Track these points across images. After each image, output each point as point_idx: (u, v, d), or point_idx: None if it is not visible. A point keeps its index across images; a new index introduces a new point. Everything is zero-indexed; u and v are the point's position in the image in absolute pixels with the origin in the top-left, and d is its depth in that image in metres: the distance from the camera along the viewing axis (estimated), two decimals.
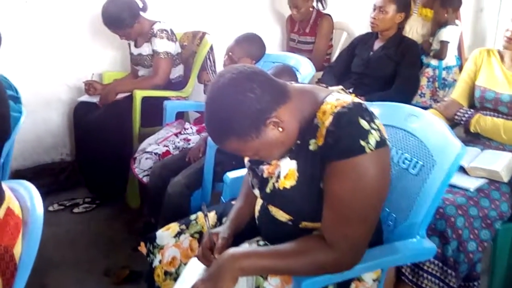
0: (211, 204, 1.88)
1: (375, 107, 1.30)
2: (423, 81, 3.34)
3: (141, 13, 2.49)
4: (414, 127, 1.29)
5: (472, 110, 1.86)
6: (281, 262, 0.99)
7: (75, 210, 2.52)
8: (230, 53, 1.98)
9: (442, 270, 1.47)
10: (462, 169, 1.66)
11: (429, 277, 1.48)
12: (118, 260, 2.05)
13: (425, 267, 1.48)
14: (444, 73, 3.40)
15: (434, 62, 3.37)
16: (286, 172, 1.02)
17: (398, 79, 2.31)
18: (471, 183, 1.60)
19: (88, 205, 2.56)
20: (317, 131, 0.97)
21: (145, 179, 1.99)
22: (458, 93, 1.97)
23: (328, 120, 0.94)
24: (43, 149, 2.91)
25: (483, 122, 1.78)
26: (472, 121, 1.81)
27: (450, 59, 3.42)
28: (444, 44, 3.33)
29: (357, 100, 0.98)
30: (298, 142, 1.01)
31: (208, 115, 0.97)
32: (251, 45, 1.99)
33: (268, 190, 1.08)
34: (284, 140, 0.99)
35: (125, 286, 1.91)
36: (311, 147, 0.98)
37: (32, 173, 2.75)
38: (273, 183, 1.06)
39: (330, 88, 1.07)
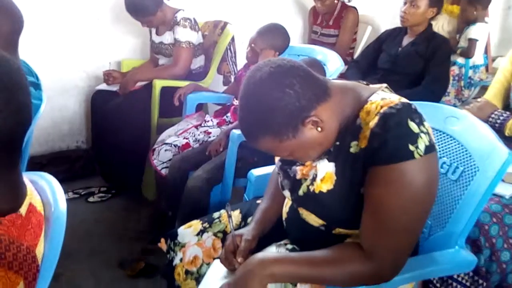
0: (231, 200, 1.84)
1: None
2: None
3: (164, 0, 2.43)
4: (455, 129, 1.21)
5: (507, 112, 1.77)
6: (315, 270, 0.93)
7: (90, 199, 2.49)
8: (253, 45, 1.91)
9: (473, 280, 1.40)
10: None
11: (459, 286, 1.42)
12: (133, 253, 2.01)
13: (455, 276, 1.41)
14: (470, 72, 3.30)
15: (460, 60, 3.27)
16: (323, 175, 0.95)
17: (427, 77, 2.22)
18: (507, 190, 1.51)
19: (104, 195, 2.53)
20: (360, 132, 0.90)
21: (163, 171, 1.94)
22: (492, 94, 1.88)
23: (373, 121, 0.87)
24: (59, 136, 2.89)
25: None
26: (507, 124, 1.72)
27: (478, 58, 3.32)
28: (472, 42, 3.23)
29: (405, 100, 0.90)
30: (337, 143, 0.94)
31: (242, 111, 0.91)
32: (275, 36, 1.91)
33: (301, 192, 1.02)
34: (322, 141, 0.92)
35: (140, 279, 1.87)
36: (352, 150, 0.91)
37: (47, 160, 2.73)
38: (307, 186, 1.00)
39: (372, 86, 1.00)
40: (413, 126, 0.86)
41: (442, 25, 3.32)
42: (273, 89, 0.86)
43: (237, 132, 1.72)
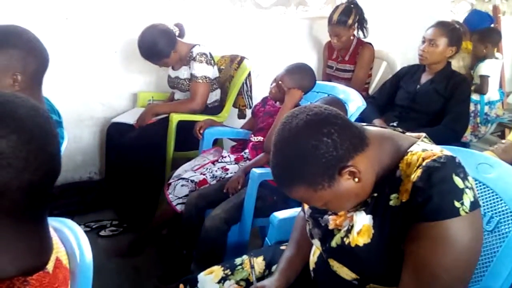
0: (249, 242, 1.79)
1: None
2: None
3: (179, 38, 2.46)
4: (488, 177, 1.16)
5: None
6: None
7: (102, 233, 2.44)
8: (280, 82, 1.89)
9: None
10: None
11: None
12: None
13: None
14: (486, 108, 3.28)
15: (475, 96, 3.26)
16: (360, 227, 0.91)
17: (448, 116, 2.19)
18: None
19: (115, 228, 2.48)
20: (400, 184, 0.86)
21: (178, 207, 1.90)
22: None
23: (416, 174, 0.83)
24: (72, 167, 2.87)
25: None
26: None
27: (493, 93, 3.30)
28: (484, 78, 3.23)
29: (448, 152, 0.87)
30: (375, 194, 0.91)
31: (276, 158, 0.88)
32: (303, 76, 1.90)
33: (333, 244, 0.97)
34: (359, 191, 0.89)
35: None
36: (392, 202, 0.88)
37: (59, 191, 2.70)
38: (341, 238, 0.95)
39: (409, 134, 0.97)
40: (458, 181, 0.82)
41: (458, 61, 3.32)
42: (309, 137, 0.83)
43: (258, 171, 1.69)
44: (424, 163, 0.84)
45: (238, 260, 1.26)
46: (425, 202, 0.81)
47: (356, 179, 0.86)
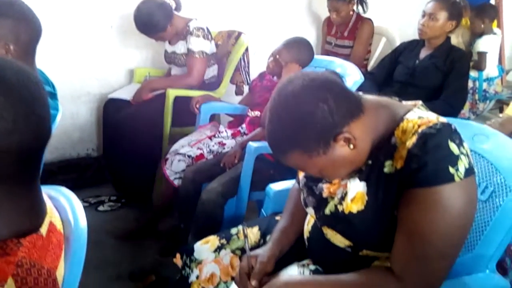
0: (246, 214, 1.80)
1: None
2: None
3: (175, 12, 2.42)
4: (484, 148, 1.17)
5: None
6: None
7: (100, 208, 2.46)
8: (277, 56, 1.87)
9: None
10: None
11: None
12: (144, 264, 1.97)
13: None
14: (485, 85, 3.26)
15: (473, 73, 3.23)
16: (354, 195, 0.91)
17: (446, 90, 2.18)
18: None
19: (113, 204, 2.50)
20: (395, 151, 0.86)
21: (176, 182, 1.91)
22: None
23: (411, 141, 0.83)
24: (69, 144, 2.87)
25: None
26: None
27: (492, 70, 3.28)
28: (482, 55, 3.20)
29: (444, 119, 0.87)
30: (370, 162, 0.90)
31: (271, 124, 0.88)
32: (301, 50, 1.88)
33: (327, 211, 0.98)
34: (354, 158, 0.88)
35: None
36: (386, 169, 0.88)
37: (57, 168, 2.71)
38: (335, 205, 0.96)
39: (406, 102, 0.96)
40: (453, 147, 0.82)
41: (457, 37, 3.28)
42: (305, 103, 0.83)
43: (254, 144, 1.69)
44: (419, 130, 0.84)
45: (233, 230, 1.27)
46: (420, 168, 0.81)
47: (351, 146, 0.86)
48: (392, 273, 0.87)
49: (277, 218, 1.28)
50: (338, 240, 0.98)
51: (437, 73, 2.23)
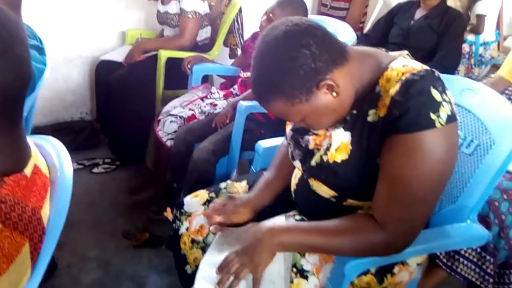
0: (237, 173, 1.82)
1: None
2: None
3: None
4: (471, 102, 1.17)
5: None
6: (325, 240, 0.91)
7: (95, 170, 2.48)
8: (271, 15, 1.84)
9: (480, 256, 1.39)
10: None
11: (466, 262, 1.40)
12: (138, 223, 2.01)
13: (462, 252, 1.40)
14: (481, 49, 3.23)
15: (470, 37, 3.20)
16: (338, 144, 0.92)
17: (440, 52, 2.16)
18: None
19: (108, 166, 2.52)
20: (379, 100, 0.86)
21: (168, 143, 1.92)
22: (507, 70, 1.84)
23: (394, 88, 0.83)
24: (63, 107, 2.86)
25: None
26: None
27: (489, 34, 3.24)
28: (480, 18, 3.15)
29: (428, 67, 0.86)
30: (354, 111, 0.91)
31: (254, 71, 0.87)
32: (294, 9, 1.84)
33: (313, 163, 0.99)
34: (336, 107, 0.89)
35: (144, 250, 1.87)
36: (370, 118, 0.88)
37: (51, 131, 2.71)
38: (321, 156, 0.97)
39: (392, 53, 0.96)
40: (436, 94, 0.82)
41: (455, 0, 3.23)
42: (288, 48, 0.82)
43: (244, 103, 1.69)
44: (403, 77, 0.84)
45: (222, 184, 1.29)
46: (402, 114, 0.81)
47: (334, 94, 0.86)
48: (374, 219, 0.89)
49: (265, 173, 1.30)
50: (323, 190, 1.00)
51: (432, 34, 2.21)
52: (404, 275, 1.04)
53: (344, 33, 1.83)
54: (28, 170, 0.71)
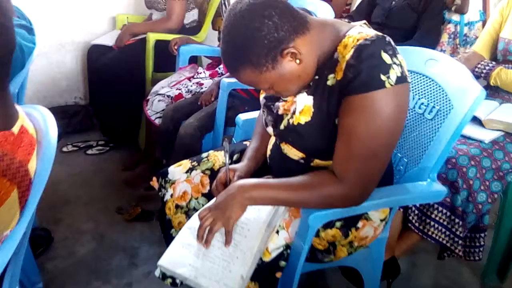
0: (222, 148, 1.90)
1: None
2: (444, 38, 3.21)
3: None
4: (433, 71, 1.25)
5: (493, 62, 1.80)
6: (290, 194, 0.99)
7: (89, 151, 2.56)
8: None
9: (450, 219, 1.47)
10: (479, 122, 1.63)
11: (436, 225, 1.49)
12: (130, 200, 2.10)
13: (433, 216, 1.49)
14: (465, 29, 3.28)
15: (455, 17, 3.23)
16: (302, 107, 1.00)
17: (419, 31, 2.23)
18: (487, 135, 1.57)
19: (102, 148, 2.60)
20: (337, 65, 0.94)
21: (157, 121, 2.00)
22: (480, 45, 1.91)
23: (349, 54, 0.91)
24: (57, 92, 2.94)
25: (504, 75, 1.73)
26: (492, 74, 1.76)
27: (473, 14, 3.28)
28: None
29: (380, 34, 0.94)
30: (317, 77, 0.99)
31: (224, 43, 0.95)
32: None
33: (282, 126, 1.07)
34: (301, 73, 0.96)
35: (137, 223, 1.96)
36: (329, 82, 0.96)
37: None
38: (288, 120, 1.05)
39: (352, 23, 1.03)
40: (386, 57, 0.90)
41: None
42: (251, 20, 0.89)
43: (227, 80, 1.76)
44: (357, 43, 0.91)
45: (204, 154, 1.37)
46: (355, 76, 0.89)
47: (298, 61, 0.94)
48: (334, 173, 0.97)
49: (245, 142, 1.38)
50: (293, 153, 1.08)
51: (411, 14, 2.27)
52: (369, 230, 1.12)
53: (323, 12, 1.90)
54: (15, 129, 0.79)
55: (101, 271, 1.69)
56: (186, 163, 1.35)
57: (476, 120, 1.64)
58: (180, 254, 1.04)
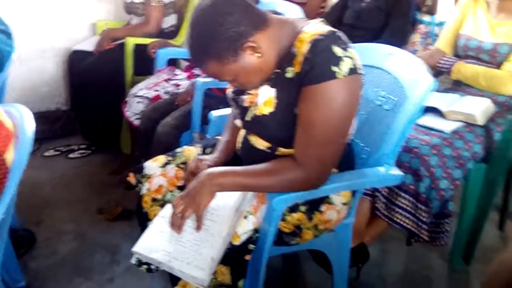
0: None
1: (356, 49, 1.34)
2: (416, 38, 3.34)
3: None
4: (390, 65, 1.34)
5: (454, 58, 1.91)
6: (255, 180, 1.06)
7: (71, 155, 2.60)
8: None
9: (414, 206, 1.55)
10: (440, 114, 1.73)
11: (402, 212, 1.57)
12: (111, 200, 2.15)
13: (398, 203, 1.57)
14: (437, 29, 3.40)
15: (427, 18, 3.37)
16: (265, 99, 1.08)
17: (386, 31, 2.33)
18: (447, 126, 1.66)
19: (83, 151, 2.64)
20: (294, 59, 1.02)
21: (136, 122, 2.06)
22: (443, 42, 2.01)
23: (305, 48, 0.99)
24: (38, 98, 2.96)
25: (464, 69, 1.83)
26: (453, 69, 1.86)
27: (444, 14, 3.42)
28: None
29: (333, 29, 1.02)
30: (277, 71, 1.07)
31: (190, 38, 1.02)
32: None
33: (248, 118, 1.14)
34: (261, 66, 1.04)
35: (117, 223, 2.00)
36: (289, 75, 1.04)
37: None
38: (253, 111, 1.12)
39: (310, 20, 1.11)
40: (337, 50, 0.98)
41: None
42: (214, 15, 0.97)
43: (201, 79, 1.83)
44: (312, 38, 1.00)
45: (179, 149, 1.43)
46: (310, 69, 0.98)
47: (258, 54, 1.01)
48: (295, 159, 1.05)
49: (217, 137, 1.45)
50: (259, 143, 1.16)
51: (380, 14, 2.37)
52: (332, 214, 1.20)
53: (293, 13, 1.98)
54: None
55: (83, 269, 1.73)
56: (161, 158, 1.41)
57: (437, 112, 1.74)
58: (154, 241, 1.10)
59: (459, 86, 1.90)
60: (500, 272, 0.70)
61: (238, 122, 1.22)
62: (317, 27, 1.04)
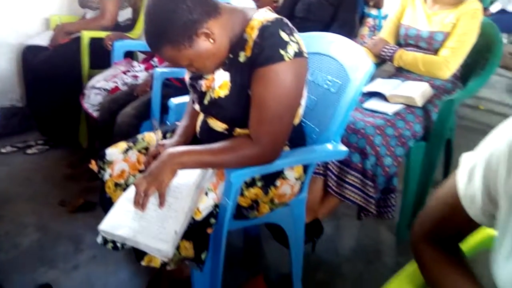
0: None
1: (304, 38, 1.45)
2: (365, 31, 3.54)
3: None
4: (335, 52, 1.45)
5: (396, 46, 2.06)
6: (213, 157, 1.15)
7: (28, 151, 2.58)
8: None
9: (362, 182, 1.68)
10: (384, 98, 1.88)
11: (351, 188, 1.70)
12: (73, 193, 2.16)
13: (348, 180, 1.70)
14: (383, 22, 3.61)
15: (374, 12, 3.56)
16: (221, 82, 1.16)
17: (334, 23, 2.46)
18: (390, 108, 1.81)
19: (41, 147, 2.62)
20: (246, 44, 1.11)
21: (94, 114, 2.08)
22: (386, 32, 2.16)
23: (255, 34, 1.09)
24: None
25: (405, 56, 1.99)
26: (395, 56, 2.01)
27: (390, 8, 3.63)
28: None
29: (279, 16, 1.12)
30: (231, 56, 1.15)
31: (145, 25, 1.09)
32: None
33: (206, 102, 1.22)
34: (215, 52, 1.12)
35: (80, 214, 2.03)
36: (241, 59, 1.13)
37: None
38: (210, 95, 1.21)
39: (258, 9, 1.20)
40: (284, 35, 1.08)
41: None
42: (168, 3, 1.04)
43: (160, 69, 1.89)
44: (261, 25, 1.09)
45: (140, 136, 1.49)
46: (260, 52, 1.07)
47: (212, 40, 1.10)
48: (249, 137, 1.14)
49: (177, 123, 1.52)
50: (217, 125, 1.24)
51: (329, 8, 2.51)
52: (286, 188, 1.30)
53: (245, 5, 2.07)
54: None
55: (47, 258, 1.75)
56: (122, 144, 1.45)
57: (382, 96, 1.89)
58: (119, 218, 1.16)
59: (400, 72, 2.06)
60: (421, 224, 0.79)
61: (197, 107, 1.30)
62: (265, 15, 1.14)
